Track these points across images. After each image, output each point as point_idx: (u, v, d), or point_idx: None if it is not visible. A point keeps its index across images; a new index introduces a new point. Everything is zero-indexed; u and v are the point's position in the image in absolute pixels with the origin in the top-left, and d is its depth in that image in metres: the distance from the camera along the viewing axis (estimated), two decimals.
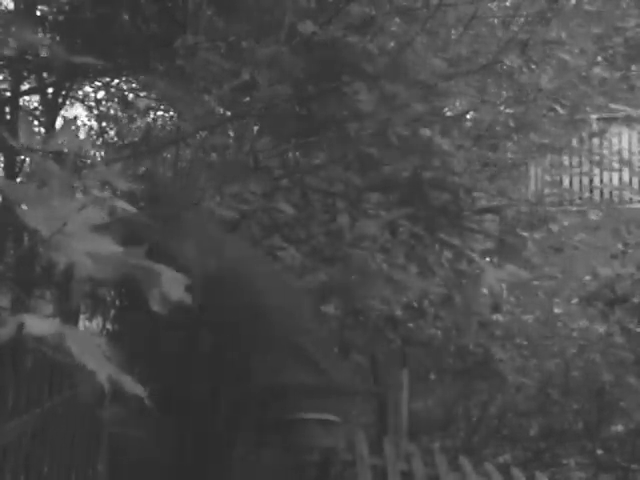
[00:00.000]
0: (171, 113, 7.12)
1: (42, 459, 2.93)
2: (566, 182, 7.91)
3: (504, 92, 4.81)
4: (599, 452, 5.63)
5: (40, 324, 0.81)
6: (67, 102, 7.27)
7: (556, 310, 6.26)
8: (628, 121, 5.22)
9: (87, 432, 3.36)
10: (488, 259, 5.09)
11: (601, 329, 5.87)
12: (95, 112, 8.65)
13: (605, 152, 6.24)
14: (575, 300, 6.35)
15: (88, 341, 0.85)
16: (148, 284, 0.92)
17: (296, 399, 1.77)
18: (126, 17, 5.20)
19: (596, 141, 6.09)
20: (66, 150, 0.98)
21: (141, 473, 1.89)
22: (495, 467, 4.95)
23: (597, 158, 6.27)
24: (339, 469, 5.08)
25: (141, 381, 0.96)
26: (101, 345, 0.87)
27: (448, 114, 4.86)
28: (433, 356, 5.96)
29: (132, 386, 0.92)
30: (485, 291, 5.72)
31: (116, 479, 3.43)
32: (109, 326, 2.91)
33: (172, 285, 0.92)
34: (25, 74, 5.85)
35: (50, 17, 5.44)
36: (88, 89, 8.21)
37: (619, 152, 7.21)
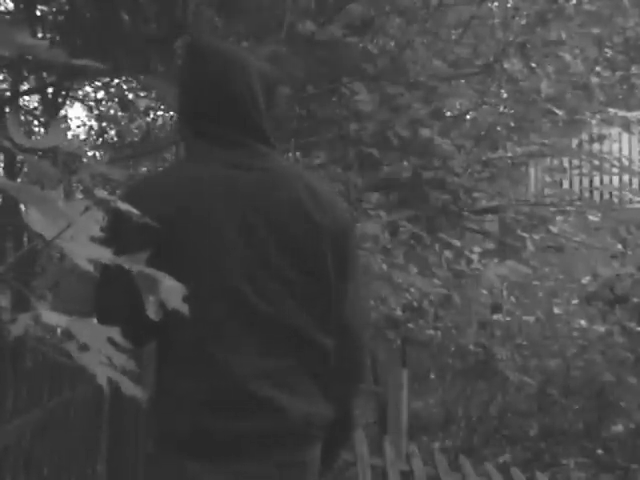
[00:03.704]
0: (171, 113, 7.13)
1: (42, 459, 2.93)
2: (566, 183, 7.91)
3: (502, 90, 4.81)
4: (599, 452, 5.62)
5: (55, 316, 0.82)
6: (67, 102, 7.27)
7: (556, 310, 6.27)
8: (625, 124, 5.21)
9: (87, 432, 3.37)
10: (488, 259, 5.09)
11: (601, 329, 5.87)
12: (95, 112, 8.65)
13: (605, 157, 6.23)
14: (575, 300, 6.34)
15: (99, 334, 0.85)
16: (146, 291, 0.92)
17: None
18: (126, 17, 5.19)
19: (596, 145, 6.09)
20: (59, 145, 0.98)
21: None
22: (495, 467, 4.95)
23: (597, 163, 6.26)
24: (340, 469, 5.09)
25: None
26: (114, 336, 0.86)
27: (448, 114, 4.86)
28: (433, 356, 5.97)
29: (131, 388, 0.91)
30: (485, 291, 5.73)
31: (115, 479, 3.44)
32: None
33: (170, 293, 0.92)
34: (25, 74, 5.84)
35: (50, 17, 5.43)
36: (88, 89, 8.21)
37: (619, 159, 7.21)
